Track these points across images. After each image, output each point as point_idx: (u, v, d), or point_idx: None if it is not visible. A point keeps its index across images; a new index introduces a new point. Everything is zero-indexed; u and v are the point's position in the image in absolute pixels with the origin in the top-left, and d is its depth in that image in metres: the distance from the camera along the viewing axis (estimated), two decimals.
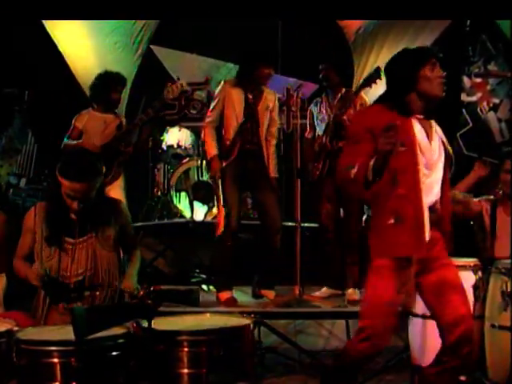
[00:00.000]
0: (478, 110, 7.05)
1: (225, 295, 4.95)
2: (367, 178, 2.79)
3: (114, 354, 2.68)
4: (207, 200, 6.30)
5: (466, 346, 2.98)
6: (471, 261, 3.92)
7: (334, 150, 4.94)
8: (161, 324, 2.84)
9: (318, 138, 5.13)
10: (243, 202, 5.81)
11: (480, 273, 3.83)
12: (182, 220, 6.43)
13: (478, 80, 7.01)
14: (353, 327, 4.72)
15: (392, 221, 2.91)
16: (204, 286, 5.81)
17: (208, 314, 3.06)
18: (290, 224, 5.17)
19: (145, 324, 2.65)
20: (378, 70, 4.77)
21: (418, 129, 3.00)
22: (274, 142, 5.07)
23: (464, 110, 7.07)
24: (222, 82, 5.08)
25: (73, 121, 5.25)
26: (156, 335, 2.70)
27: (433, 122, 3.09)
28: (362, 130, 2.95)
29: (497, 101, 6.97)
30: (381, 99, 3.12)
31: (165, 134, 6.75)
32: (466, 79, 7.03)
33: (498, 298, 3.57)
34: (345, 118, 4.89)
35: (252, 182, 5.00)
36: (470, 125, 7.06)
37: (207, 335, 2.69)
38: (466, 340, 2.98)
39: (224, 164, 4.89)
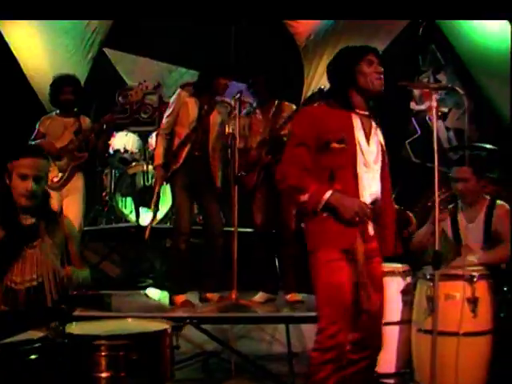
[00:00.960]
0: (427, 118, 7.19)
1: (180, 298, 5.02)
2: (316, 208, 2.91)
3: (32, 357, 2.65)
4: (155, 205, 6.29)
5: (376, 344, 3.07)
6: (400, 266, 3.99)
7: (271, 162, 5.01)
8: (82, 328, 2.85)
9: (251, 150, 5.17)
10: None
11: (409, 278, 3.91)
12: (127, 225, 6.42)
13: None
14: (293, 332, 4.78)
15: (325, 214, 2.94)
16: (149, 291, 5.80)
17: (130, 319, 3.07)
18: (227, 229, 5.21)
19: (61, 328, 2.65)
20: (321, 90, 4.80)
21: (358, 127, 3.05)
22: (220, 154, 5.15)
23: (413, 119, 7.25)
24: (179, 90, 5.13)
25: (37, 125, 5.34)
26: (74, 340, 2.70)
27: (373, 123, 3.13)
28: (305, 131, 3.02)
29: (445, 110, 7.14)
30: (325, 97, 3.22)
31: (112, 138, 6.74)
32: None
33: (424, 303, 3.64)
34: (283, 133, 4.95)
35: (198, 188, 5.05)
36: (419, 133, 7.21)
37: (124, 340, 2.69)
38: (377, 339, 3.07)
39: (173, 168, 4.97)
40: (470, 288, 3.57)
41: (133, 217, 6.48)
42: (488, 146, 6.03)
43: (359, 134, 3.03)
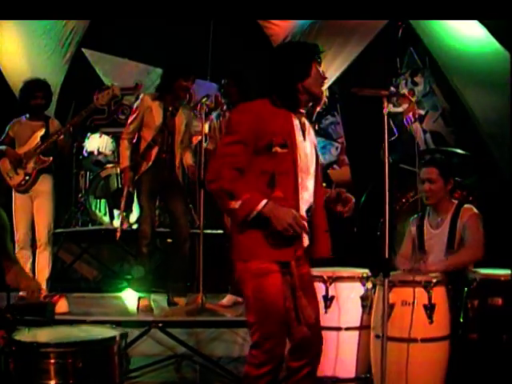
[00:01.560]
0: (404, 120, 7.20)
1: (143, 302, 5.05)
2: (247, 217, 2.75)
3: None
4: (127, 207, 6.30)
5: (315, 351, 2.99)
6: (360, 272, 3.98)
7: None
8: (33, 335, 2.87)
9: None
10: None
11: (369, 284, 3.89)
12: (101, 227, 6.43)
13: (405, 92, 7.17)
14: None
15: (260, 224, 2.77)
16: (126, 293, 5.80)
17: (84, 326, 3.10)
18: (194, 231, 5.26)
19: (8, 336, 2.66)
20: None
21: (297, 128, 2.91)
22: (187, 153, 5.15)
23: (390, 120, 7.11)
24: (142, 95, 5.16)
25: (7, 128, 5.40)
26: (22, 347, 2.71)
27: (307, 122, 2.98)
28: (245, 129, 2.83)
29: (422, 112, 7.16)
30: (265, 93, 2.96)
31: (86, 139, 6.75)
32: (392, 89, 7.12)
33: (381, 310, 3.64)
34: None
35: (164, 190, 5.08)
36: (396, 135, 7.15)
37: (72, 347, 2.71)
38: (316, 346, 2.99)
39: (142, 169, 4.98)
40: (427, 294, 3.57)
41: (107, 219, 6.49)
42: (460, 151, 6.06)
43: (299, 137, 2.90)
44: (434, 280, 3.62)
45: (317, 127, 7.30)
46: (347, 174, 7.37)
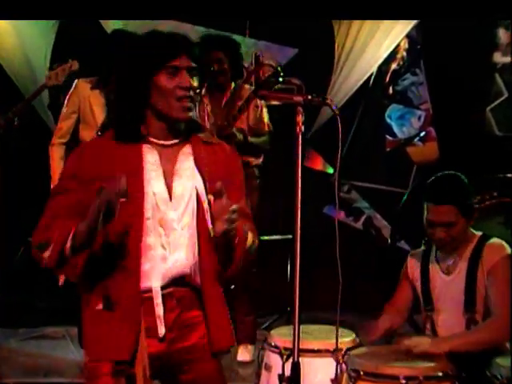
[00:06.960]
0: None
1: None
2: (64, 255, 2.18)
3: None
4: None
5: None
6: (332, 342, 2.71)
7: None
8: None
9: None
10: None
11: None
12: None
13: None
14: None
15: (100, 306, 2.24)
16: None
17: None
18: None
19: None
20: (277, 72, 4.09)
21: (152, 167, 2.27)
22: None
23: (497, 76, 5.88)
24: (76, 81, 4.30)
25: None
26: None
27: (186, 150, 2.29)
28: (65, 176, 2.35)
29: None
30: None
31: None
32: (501, 32, 5.85)
33: None
34: (234, 130, 4.18)
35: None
36: (506, 95, 5.86)
37: None
38: None
39: None
40: None
41: None
42: None
43: (153, 178, 2.26)
44: (422, 376, 2.52)
45: (391, 90, 6.18)
46: (434, 151, 6.03)
